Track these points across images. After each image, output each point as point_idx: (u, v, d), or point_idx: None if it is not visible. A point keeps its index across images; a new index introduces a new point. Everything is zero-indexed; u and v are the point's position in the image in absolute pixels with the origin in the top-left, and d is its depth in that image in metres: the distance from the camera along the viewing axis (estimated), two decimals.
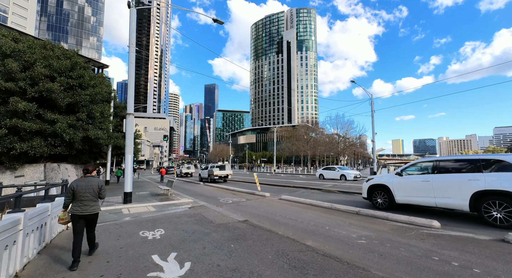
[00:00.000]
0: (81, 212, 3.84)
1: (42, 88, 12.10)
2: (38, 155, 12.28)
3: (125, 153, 10.48)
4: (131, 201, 10.54)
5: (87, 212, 3.88)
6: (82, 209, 3.85)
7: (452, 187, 6.41)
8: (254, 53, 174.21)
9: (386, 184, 8.03)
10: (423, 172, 7.33)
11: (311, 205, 9.30)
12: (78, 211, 3.84)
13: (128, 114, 10.63)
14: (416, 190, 7.21)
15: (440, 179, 6.70)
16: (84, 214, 3.86)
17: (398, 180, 7.75)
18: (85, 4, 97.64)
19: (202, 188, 17.74)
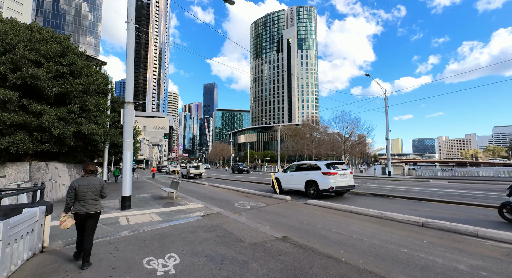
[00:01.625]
0: (85, 212, 3.84)
1: (26, 74, 10.34)
2: (21, 152, 10.54)
3: (123, 149, 8.77)
4: (131, 206, 8.83)
5: (91, 211, 3.89)
6: (86, 208, 3.85)
7: (299, 178, 11.67)
8: (254, 51, 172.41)
9: (278, 177, 13.13)
10: (292, 170, 12.61)
11: (350, 212, 7.63)
12: (82, 210, 3.83)
13: (127, 103, 8.91)
14: (291, 181, 12.35)
15: (297, 174, 12.01)
16: (88, 213, 3.86)
17: (283, 175, 12.96)
18: (82, 0, 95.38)
19: (209, 189, 16.04)
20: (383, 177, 24.22)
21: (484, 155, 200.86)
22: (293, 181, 12.04)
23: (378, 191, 12.62)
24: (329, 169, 10.64)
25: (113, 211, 8.47)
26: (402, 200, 9.89)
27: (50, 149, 11.87)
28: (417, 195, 10.66)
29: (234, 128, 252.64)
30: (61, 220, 3.83)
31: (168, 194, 12.36)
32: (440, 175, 23.83)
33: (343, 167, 11.13)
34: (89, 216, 3.89)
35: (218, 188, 16.41)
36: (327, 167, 10.75)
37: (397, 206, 8.62)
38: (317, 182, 10.61)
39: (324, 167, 10.77)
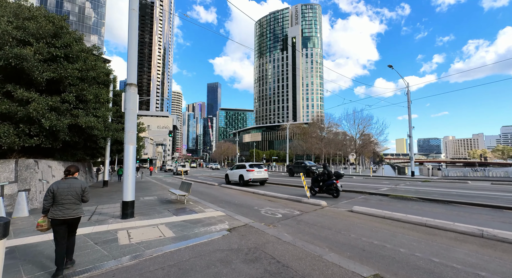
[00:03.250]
0: (62, 216, 3.52)
1: (9, 54, 8.63)
2: (5, 147, 8.84)
3: (125, 142, 7.00)
4: (134, 214, 7.05)
5: (69, 216, 3.57)
6: (63, 213, 3.53)
7: (237, 174, 17.25)
8: (258, 50, 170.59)
9: (227, 173, 18.92)
10: (234, 169, 18.34)
11: (426, 226, 5.74)
12: (59, 215, 3.51)
13: (129, 85, 7.14)
14: (233, 175, 17.86)
15: (236, 171, 17.55)
16: (66, 218, 3.54)
17: (230, 171, 18.51)
18: (86, 2, 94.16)
19: (221, 191, 14.25)
20: (407, 178, 22.18)
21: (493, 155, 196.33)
22: (234, 176, 18.01)
23: (425, 194, 10.66)
24: (251, 167, 16.81)
25: (111, 221, 6.69)
26: (474, 208, 7.93)
27: (41, 144, 10.18)
28: (487, 201, 8.68)
29: (237, 127, 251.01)
30: (38, 223, 3.55)
31: (178, 197, 10.60)
32: (472, 176, 21.72)
33: (259, 167, 17.13)
34: (66, 221, 3.59)
35: (232, 190, 14.60)
36: (250, 166, 17.00)
37: (481, 217, 6.71)
38: (243, 175, 16.65)
39: (248, 166, 16.99)
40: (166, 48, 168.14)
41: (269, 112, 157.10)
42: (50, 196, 3.53)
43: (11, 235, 5.57)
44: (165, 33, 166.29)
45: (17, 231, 5.93)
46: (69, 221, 3.61)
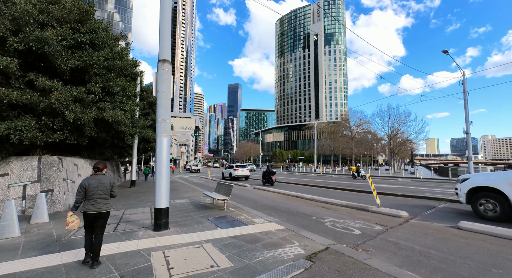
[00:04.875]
0: (94, 211, 3.65)
1: (30, 36, 7.63)
2: (26, 142, 7.85)
3: (157, 134, 5.55)
4: (168, 224, 5.55)
5: (100, 210, 3.69)
6: (95, 208, 3.66)
7: (228, 172, 23.57)
8: (279, 49, 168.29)
9: (223, 171, 25.20)
10: (226, 168, 24.86)
11: None
12: (91, 209, 3.64)
13: (162, 62, 5.67)
14: (226, 173, 23.84)
15: (227, 170, 23.87)
16: (97, 212, 3.67)
17: (225, 170, 24.60)
18: (114, 11, 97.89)
19: (256, 193, 12.58)
20: None
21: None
22: (226, 173, 23.69)
23: None
24: (237, 167, 22.63)
25: (141, 233, 5.23)
26: None
27: (66, 139, 9.18)
28: None
29: (258, 127, 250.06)
30: (68, 221, 3.61)
31: (215, 201, 9.08)
32: None
33: (242, 167, 22.85)
34: (98, 215, 3.70)
35: (269, 193, 12.88)
36: (236, 167, 22.79)
37: None
38: (231, 173, 22.30)
39: (235, 167, 22.85)
40: (188, 51, 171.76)
41: (290, 111, 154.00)
42: (83, 192, 3.65)
43: (17, 252, 4.28)
44: (187, 37, 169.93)
45: (28, 245, 4.66)
46: (101, 215, 3.72)
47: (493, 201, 6.19)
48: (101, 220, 3.74)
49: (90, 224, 3.73)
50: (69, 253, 4.15)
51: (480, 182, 6.51)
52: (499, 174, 6.49)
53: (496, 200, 6.13)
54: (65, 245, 4.60)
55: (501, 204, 6.02)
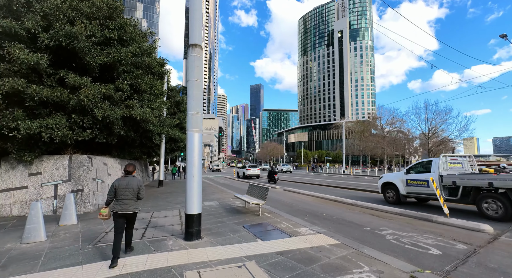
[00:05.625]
0: (121, 211, 3.83)
1: (59, 32, 7.43)
2: (57, 140, 7.68)
3: (187, 129, 4.86)
4: (200, 233, 4.83)
5: (126, 211, 3.85)
6: (122, 208, 3.83)
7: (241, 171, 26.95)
8: (302, 48, 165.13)
9: (237, 170, 29.06)
10: (240, 168, 29.40)
11: None
12: (119, 209, 3.82)
13: (192, 47, 4.97)
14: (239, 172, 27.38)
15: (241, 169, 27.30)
16: (124, 212, 3.84)
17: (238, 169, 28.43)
18: (142, 18, 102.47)
19: (288, 195, 11.60)
20: None
21: None
22: (240, 172, 27.18)
23: None
24: (249, 167, 26.19)
25: (171, 243, 4.56)
26: None
27: (95, 138, 8.98)
28: None
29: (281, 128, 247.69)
30: (101, 212, 3.94)
31: (247, 205, 8.28)
32: None
33: (253, 167, 26.46)
34: (124, 215, 3.88)
35: (301, 195, 11.84)
36: (248, 167, 26.45)
37: None
38: (244, 172, 25.78)
39: (247, 166, 26.52)
40: (211, 54, 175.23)
41: (314, 111, 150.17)
42: (113, 191, 3.88)
43: (38, 262, 3.78)
44: (211, 39, 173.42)
45: (51, 254, 4.18)
46: (127, 216, 3.91)
47: (392, 191, 9.43)
48: (128, 221, 3.98)
49: (119, 224, 3.86)
50: (92, 267, 3.56)
51: (386, 179, 9.79)
52: (396, 174, 9.71)
53: (393, 190, 9.36)
54: (89, 255, 4.05)
55: (396, 192, 9.23)
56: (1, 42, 7.03)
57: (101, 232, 5.46)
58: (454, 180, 7.20)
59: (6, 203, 7.70)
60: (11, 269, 3.59)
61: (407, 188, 8.80)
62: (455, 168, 8.46)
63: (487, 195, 6.58)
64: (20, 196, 7.81)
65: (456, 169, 8.44)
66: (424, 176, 8.13)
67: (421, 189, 8.25)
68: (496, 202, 6.37)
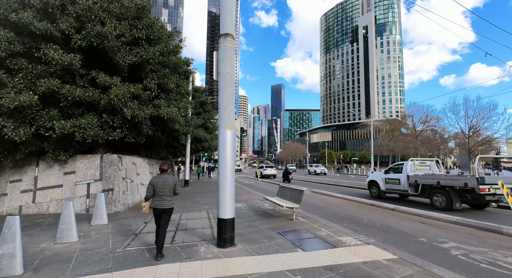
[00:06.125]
0: (160, 206, 4.06)
1: (91, 32, 7.50)
2: (89, 140, 7.77)
3: (219, 125, 4.47)
4: (234, 240, 4.41)
5: (165, 206, 4.08)
6: (161, 204, 4.06)
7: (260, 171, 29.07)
8: (324, 46, 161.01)
9: (256, 170, 32.19)
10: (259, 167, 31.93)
11: None
12: (158, 205, 4.06)
13: (223, 37, 4.59)
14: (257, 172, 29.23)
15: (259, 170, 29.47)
16: (163, 208, 4.07)
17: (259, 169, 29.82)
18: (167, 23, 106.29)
19: (317, 197, 10.89)
20: None
21: None
22: (258, 172, 28.65)
23: None
24: (266, 167, 29.17)
25: (203, 249, 4.20)
26: None
27: (125, 137, 9.02)
28: None
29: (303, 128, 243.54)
30: (142, 205, 4.23)
31: (277, 208, 7.77)
32: None
33: (270, 167, 29.91)
34: (163, 210, 4.09)
35: (332, 198, 11.06)
36: (265, 167, 29.72)
37: None
38: (262, 172, 27.89)
39: (264, 166, 29.73)
40: None
41: (337, 110, 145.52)
42: (151, 188, 4.11)
43: (69, 267, 3.59)
44: None
45: (82, 256, 4.00)
46: (167, 210, 4.13)
47: (375, 187, 11.18)
48: (166, 215, 4.13)
49: (158, 218, 4.12)
50: (121, 275, 3.27)
51: (371, 178, 11.62)
52: (378, 174, 11.45)
53: (376, 186, 11.09)
54: (119, 260, 3.80)
55: (378, 188, 10.98)
56: (38, 44, 7.21)
57: (131, 234, 5.27)
58: (416, 179, 9.14)
59: (44, 200, 7.93)
60: (42, 273, 3.42)
61: (385, 185, 10.66)
62: (423, 170, 10.17)
63: (436, 191, 8.46)
64: (56, 194, 8.01)
65: (424, 170, 10.14)
66: (397, 176, 10.01)
67: (395, 186, 10.11)
68: (441, 196, 8.24)
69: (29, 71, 7.05)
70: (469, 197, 7.67)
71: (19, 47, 6.90)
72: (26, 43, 7.17)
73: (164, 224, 4.10)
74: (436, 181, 8.33)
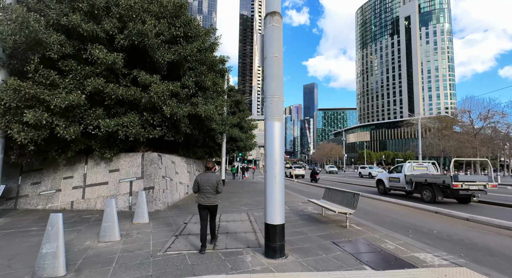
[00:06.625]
0: (204, 203, 4.24)
1: (133, 31, 7.57)
2: (131, 138, 7.87)
3: (266, 117, 3.91)
4: (284, 249, 3.78)
5: (208, 203, 4.25)
6: (205, 200, 4.24)
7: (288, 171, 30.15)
8: (360, 40, 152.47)
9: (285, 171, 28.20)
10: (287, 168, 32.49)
11: None
12: (202, 201, 4.25)
13: (270, 16, 4.00)
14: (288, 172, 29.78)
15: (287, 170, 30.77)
16: (206, 204, 4.24)
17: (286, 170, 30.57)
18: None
19: (367, 202, 9.69)
20: None
21: None
22: (287, 173, 29.65)
23: None
24: (294, 168, 29.97)
25: (250, 259, 3.66)
26: None
27: (164, 136, 9.01)
28: None
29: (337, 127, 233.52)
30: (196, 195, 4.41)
31: (324, 212, 6.96)
32: None
33: (298, 167, 31.64)
34: (206, 207, 4.27)
35: (386, 203, 9.78)
36: (293, 167, 30.73)
37: None
38: (290, 172, 28.17)
39: (293, 167, 30.46)
40: None
41: (375, 108, 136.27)
42: (196, 185, 4.32)
43: (109, 270, 3.32)
44: None
45: (123, 259, 3.75)
46: (209, 207, 4.30)
47: (381, 184, 13.17)
48: (210, 212, 4.34)
49: (203, 214, 4.28)
50: None
51: (379, 177, 13.74)
52: (384, 174, 13.70)
53: (382, 184, 13.13)
54: (160, 266, 3.45)
55: (383, 186, 12.89)
56: (85, 46, 7.47)
57: (171, 236, 4.98)
58: (411, 177, 10.83)
59: (92, 197, 8.23)
60: (83, 276, 3.20)
61: (389, 183, 12.35)
62: (420, 170, 11.79)
63: (424, 187, 10.18)
64: (102, 191, 8.26)
65: (421, 171, 11.74)
66: (398, 175, 11.76)
67: (396, 183, 11.80)
68: (428, 191, 9.98)
69: (78, 72, 7.32)
70: (448, 192, 9.46)
71: (69, 49, 7.20)
72: (75, 46, 7.48)
73: (212, 218, 4.41)
74: (424, 179, 10.20)
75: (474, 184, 9.02)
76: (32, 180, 8.46)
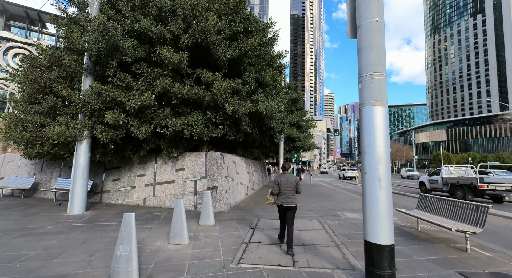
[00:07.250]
0: (285, 204, 4.22)
1: (196, 28, 7.53)
2: (195, 137, 7.84)
3: (363, 101, 2.97)
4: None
5: (289, 204, 4.22)
6: (286, 202, 4.22)
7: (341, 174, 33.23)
8: (431, 26, 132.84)
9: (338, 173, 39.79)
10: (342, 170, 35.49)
11: None
12: (283, 203, 4.24)
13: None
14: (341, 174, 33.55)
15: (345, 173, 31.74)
16: (287, 206, 4.22)
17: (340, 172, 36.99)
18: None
19: None
20: None
21: None
22: (340, 175, 33.09)
23: None
24: (347, 170, 31.56)
25: None
26: None
27: (226, 135, 8.81)
28: None
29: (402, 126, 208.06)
30: (268, 198, 4.50)
31: (420, 227, 5.51)
32: None
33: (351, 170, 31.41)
34: (288, 208, 4.25)
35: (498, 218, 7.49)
36: (346, 169, 32.20)
37: None
38: (344, 174, 31.05)
39: (346, 170, 32.12)
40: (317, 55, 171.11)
41: (452, 102, 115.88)
42: (277, 186, 4.27)
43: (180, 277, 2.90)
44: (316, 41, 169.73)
45: (193, 268, 3.33)
46: (290, 208, 4.25)
47: (423, 186, 14.07)
48: (290, 213, 4.25)
49: (282, 215, 4.37)
50: None
51: (421, 179, 14.68)
52: (426, 176, 14.42)
53: (424, 185, 14.05)
54: None
55: (425, 187, 13.91)
56: (154, 49, 7.76)
57: (241, 243, 4.46)
58: (446, 180, 12.29)
59: (161, 195, 8.52)
60: None
61: (430, 185, 13.64)
62: (458, 173, 12.80)
63: (457, 188, 11.63)
64: (170, 190, 8.47)
65: (459, 174, 12.71)
66: (436, 178, 13.18)
67: (435, 185, 13.19)
68: (460, 191, 11.36)
69: (148, 74, 7.63)
70: (477, 192, 10.58)
71: (141, 53, 7.55)
72: (146, 49, 7.83)
73: (291, 221, 4.25)
74: (457, 181, 11.53)
75: (502, 185, 10.16)
76: (113, 177, 9.29)
